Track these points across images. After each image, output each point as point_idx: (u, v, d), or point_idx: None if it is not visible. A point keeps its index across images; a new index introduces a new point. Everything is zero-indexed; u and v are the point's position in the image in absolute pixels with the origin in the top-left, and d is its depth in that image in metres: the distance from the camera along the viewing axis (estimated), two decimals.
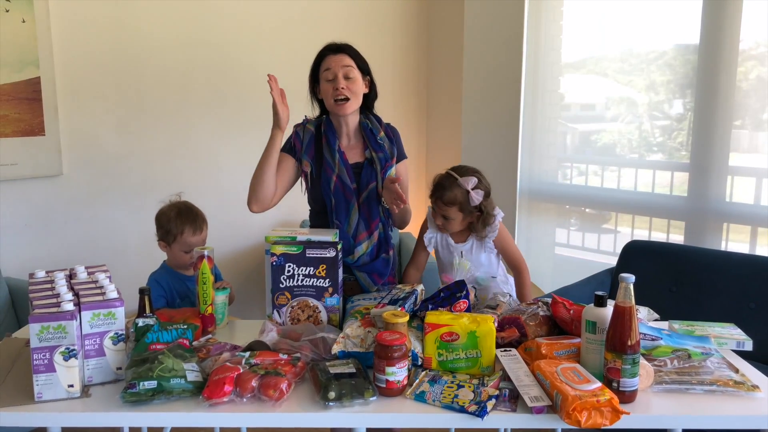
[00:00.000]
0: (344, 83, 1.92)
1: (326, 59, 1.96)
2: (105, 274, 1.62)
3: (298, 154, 2.01)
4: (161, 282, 2.00)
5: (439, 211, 1.98)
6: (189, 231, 1.98)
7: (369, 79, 2.03)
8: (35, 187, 2.84)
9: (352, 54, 1.97)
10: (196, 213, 2.04)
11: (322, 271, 1.69)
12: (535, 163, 3.63)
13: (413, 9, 4.00)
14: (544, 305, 1.67)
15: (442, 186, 1.97)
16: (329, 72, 1.94)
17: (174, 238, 1.99)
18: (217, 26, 3.27)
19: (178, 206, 2.04)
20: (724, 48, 2.83)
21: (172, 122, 3.20)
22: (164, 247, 2.04)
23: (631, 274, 1.38)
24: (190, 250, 1.96)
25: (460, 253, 2.01)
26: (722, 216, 2.96)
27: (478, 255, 2.05)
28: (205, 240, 2.04)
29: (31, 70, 2.74)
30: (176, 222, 1.99)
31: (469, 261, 1.98)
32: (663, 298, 2.66)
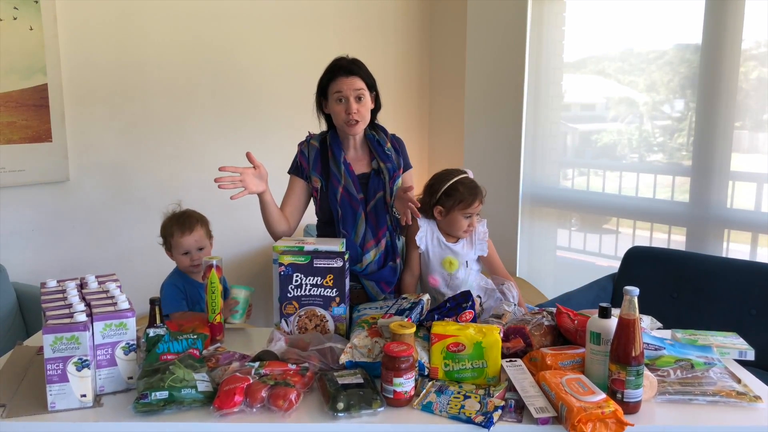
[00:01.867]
0: (356, 107, 1.95)
1: (338, 81, 1.97)
2: (116, 284, 1.64)
3: (306, 172, 2.04)
4: (178, 285, 2.06)
5: (473, 211, 2.00)
6: (178, 233, 2.07)
7: (375, 93, 2.05)
8: (42, 193, 2.87)
9: (362, 75, 1.99)
10: (187, 215, 2.13)
11: (330, 280, 1.71)
12: (537, 167, 3.64)
13: (415, 11, 4.01)
14: (548, 315, 1.70)
15: (475, 186, 2.01)
16: (341, 94, 1.96)
17: (170, 244, 2.09)
18: (222, 33, 3.29)
19: (174, 214, 2.15)
20: (726, 49, 2.84)
21: (178, 128, 3.22)
22: (171, 256, 2.12)
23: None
24: (186, 252, 2.06)
25: (450, 251, 2.04)
26: (723, 222, 2.98)
27: (469, 254, 2.06)
28: (202, 240, 2.10)
29: (39, 77, 2.76)
30: (167, 227, 2.10)
31: (458, 259, 2.02)
32: (664, 304, 2.69)
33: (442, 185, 2.01)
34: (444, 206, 1.99)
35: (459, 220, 1.99)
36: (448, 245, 2.03)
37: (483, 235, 2.07)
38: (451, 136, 4.04)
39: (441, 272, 2.01)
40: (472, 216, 2.00)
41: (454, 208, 1.98)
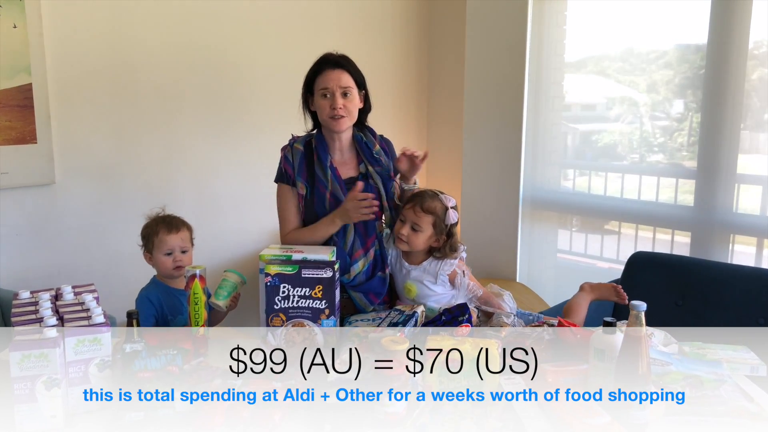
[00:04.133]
0: (342, 102, 1.86)
1: (324, 75, 1.89)
2: (92, 295, 1.56)
3: (291, 178, 1.95)
4: (152, 299, 1.96)
5: (412, 218, 1.89)
6: (164, 230, 1.97)
7: (364, 93, 1.97)
8: (27, 196, 2.78)
9: (350, 70, 1.91)
10: (173, 216, 2.05)
11: (319, 292, 1.63)
12: (538, 169, 3.57)
13: (413, 10, 3.93)
14: (550, 328, 1.61)
15: (423, 195, 1.92)
16: (326, 90, 1.87)
17: (152, 243, 1.98)
18: (213, 32, 3.21)
19: (158, 215, 2.06)
20: (732, 49, 2.76)
21: (168, 129, 3.14)
22: (149, 259, 2.01)
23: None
24: (170, 252, 1.96)
25: (409, 275, 1.94)
26: (729, 227, 2.90)
27: (429, 282, 1.94)
28: (186, 242, 2.01)
29: (23, 76, 2.68)
30: (152, 226, 2.01)
31: (417, 286, 1.92)
32: (669, 311, 2.60)
33: (410, 192, 1.96)
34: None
35: (402, 226, 1.90)
36: (410, 267, 1.94)
37: (448, 267, 1.93)
38: (450, 137, 3.96)
39: (405, 299, 1.91)
40: (416, 227, 1.89)
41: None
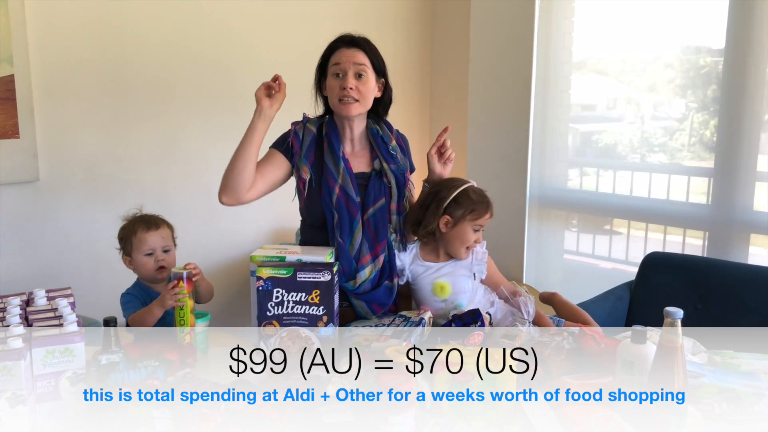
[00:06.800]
0: (353, 83, 1.72)
1: (337, 52, 1.74)
2: (67, 300, 1.41)
3: (296, 157, 1.78)
4: (138, 296, 1.83)
5: (483, 223, 1.80)
6: (142, 228, 1.86)
7: (384, 81, 1.82)
8: (9, 194, 2.64)
9: (368, 50, 1.76)
10: (152, 215, 1.94)
11: (316, 297, 1.48)
12: (545, 168, 3.46)
13: (416, 6, 3.81)
14: (569, 336, 1.47)
15: (486, 196, 1.82)
16: (338, 67, 1.73)
17: (131, 244, 1.86)
18: (206, 23, 3.07)
19: (134, 216, 1.96)
20: (754, 45, 2.65)
21: (158, 124, 3.00)
22: (129, 263, 1.90)
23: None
24: (151, 252, 1.84)
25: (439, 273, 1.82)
26: (749, 226, 2.77)
27: (460, 278, 1.83)
28: (168, 240, 1.89)
29: (5, 67, 2.54)
30: (129, 226, 1.90)
31: (450, 282, 1.80)
32: (688, 316, 2.42)
33: (450, 192, 1.78)
34: (452, 216, 1.76)
35: (467, 232, 1.77)
36: (434, 265, 1.82)
37: (482, 256, 1.84)
38: (454, 135, 3.84)
39: (433, 301, 1.78)
40: (480, 230, 1.78)
41: (464, 217, 1.75)
